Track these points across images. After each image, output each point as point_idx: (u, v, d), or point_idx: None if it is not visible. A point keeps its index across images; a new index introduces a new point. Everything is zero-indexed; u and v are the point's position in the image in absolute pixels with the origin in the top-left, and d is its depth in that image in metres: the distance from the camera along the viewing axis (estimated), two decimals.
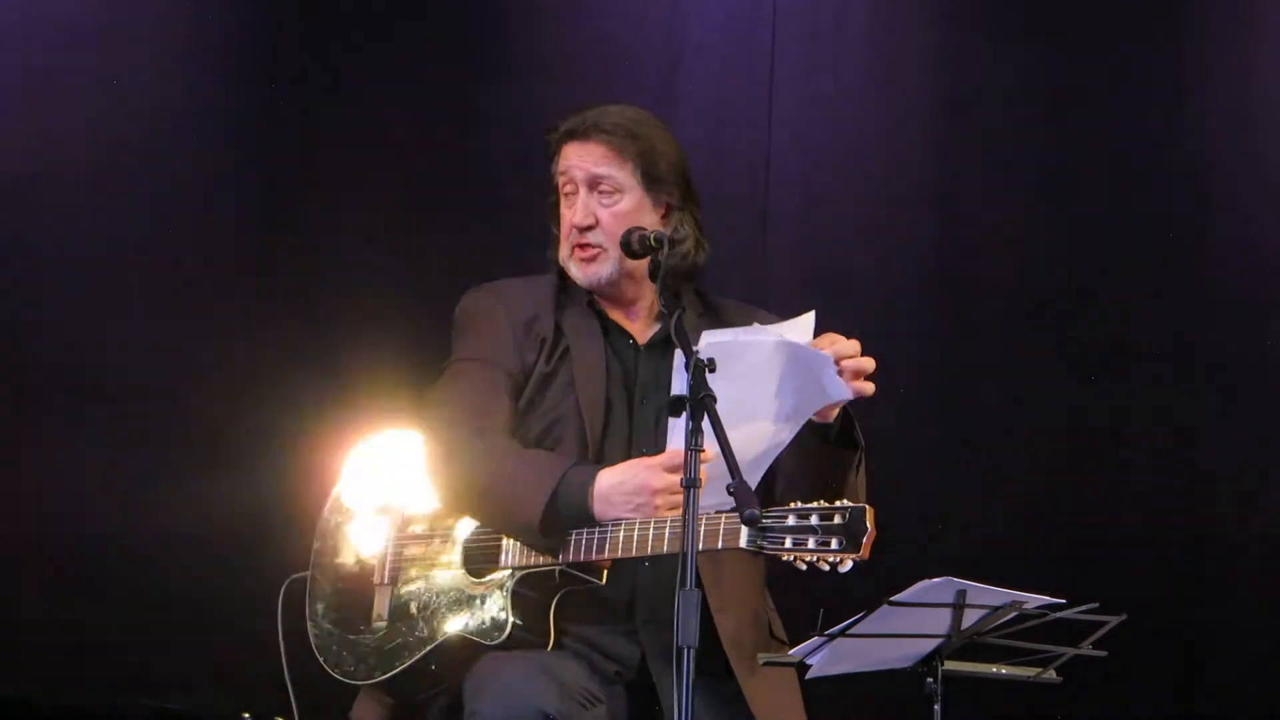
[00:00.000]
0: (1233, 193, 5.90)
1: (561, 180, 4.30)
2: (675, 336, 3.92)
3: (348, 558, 4.34)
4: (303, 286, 5.94)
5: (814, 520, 3.88)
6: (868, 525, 3.86)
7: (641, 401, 4.29)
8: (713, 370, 3.76)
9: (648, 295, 4.35)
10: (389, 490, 4.35)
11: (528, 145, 4.58)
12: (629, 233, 4.22)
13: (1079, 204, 5.95)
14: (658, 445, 4.19)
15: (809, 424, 4.04)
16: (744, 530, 3.90)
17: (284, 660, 4.35)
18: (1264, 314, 5.86)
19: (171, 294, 5.85)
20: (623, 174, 4.27)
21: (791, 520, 3.91)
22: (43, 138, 5.81)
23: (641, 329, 4.36)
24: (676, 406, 3.78)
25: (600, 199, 4.27)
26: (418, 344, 4.56)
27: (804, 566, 3.94)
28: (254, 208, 5.97)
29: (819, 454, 4.09)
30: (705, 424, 3.69)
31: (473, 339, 4.31)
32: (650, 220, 4.28)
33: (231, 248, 5.94)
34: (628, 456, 4.18)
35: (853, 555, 3.86)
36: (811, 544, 3.88)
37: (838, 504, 3.90)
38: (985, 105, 6.01)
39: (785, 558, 3.93)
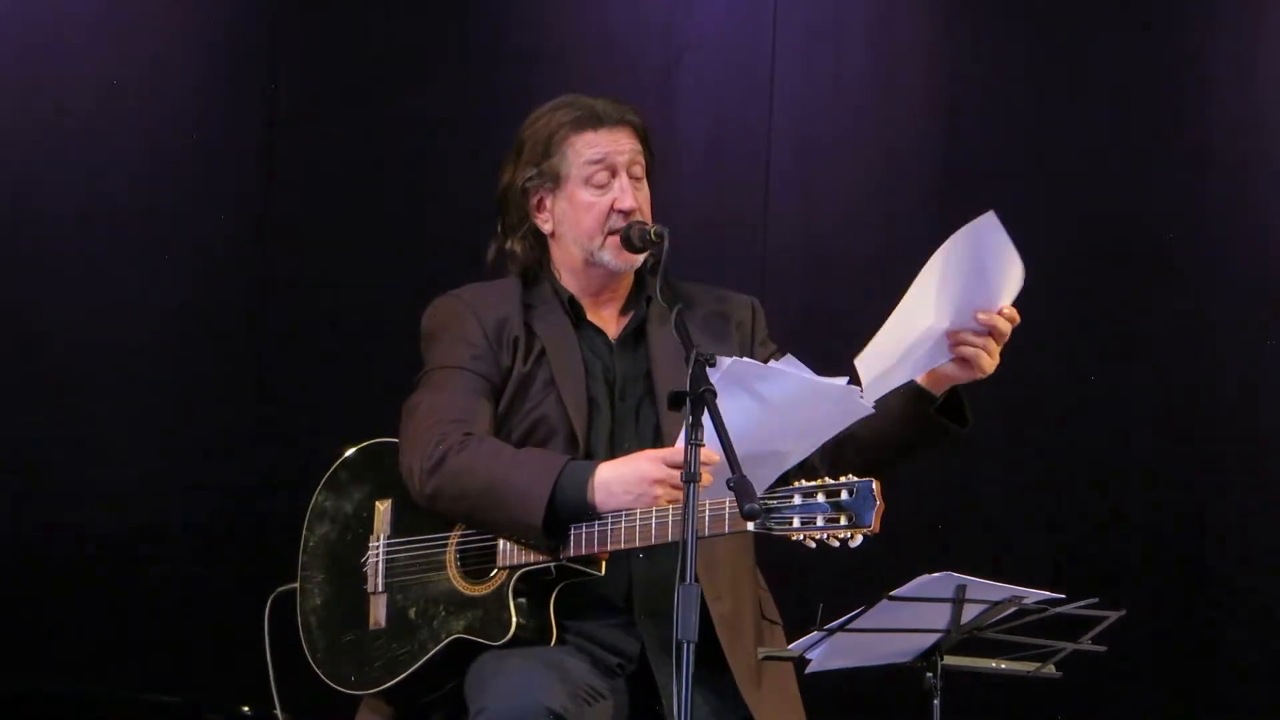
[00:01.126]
0: (1235, 187, 5.90)
1: (592, 168, 4.28)
2: (677, 330, 3.98)
3: (336, 568, 4.32)
4: (293, 289, 5.93)
5: (820, 498, 3.87)
6: (876, 498, 3.85)
7: (621, 397, 4.29)
8: (711, 364, 3.79)
9: (624, 289, 4.37)
10: (373, 499, 4.33)
11: None
12: (629, 227, 4.25)
13: (1078, 197, 5.95)
14: (639, 438, 4.22)
15: (916, 390, 4.08)
16: None
17: (270, 673, 4.34)
18: (1266, 309, 5.86)
19: (164, 291, 5.85)
20: (644, 160, 4.33)
21: (798, 500, 3.88)
22: (39, 132, 5.80)
23: (612, 325, 4.37)
24: (676, 401, 3.80)
25: (634, 185, 4.30)
26: (409, 351, 4.55)
27: (813, 545, 3.92)
28: (250, 205, 5.96)
29: (913, 419, 4.10)
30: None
31: (447, 346, 4.30)
32: None
33: (224, 246, 5.93)
34: (611, 453, 4.19)
35: (863, 530, 3.85)
36: (820, 521, 3.85)
37: (843, 480, 3.88)
38: (985, 98, 6.02)
39: (794, 538, 3.92)
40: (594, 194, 4.28)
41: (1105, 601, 3.91)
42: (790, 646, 4.00)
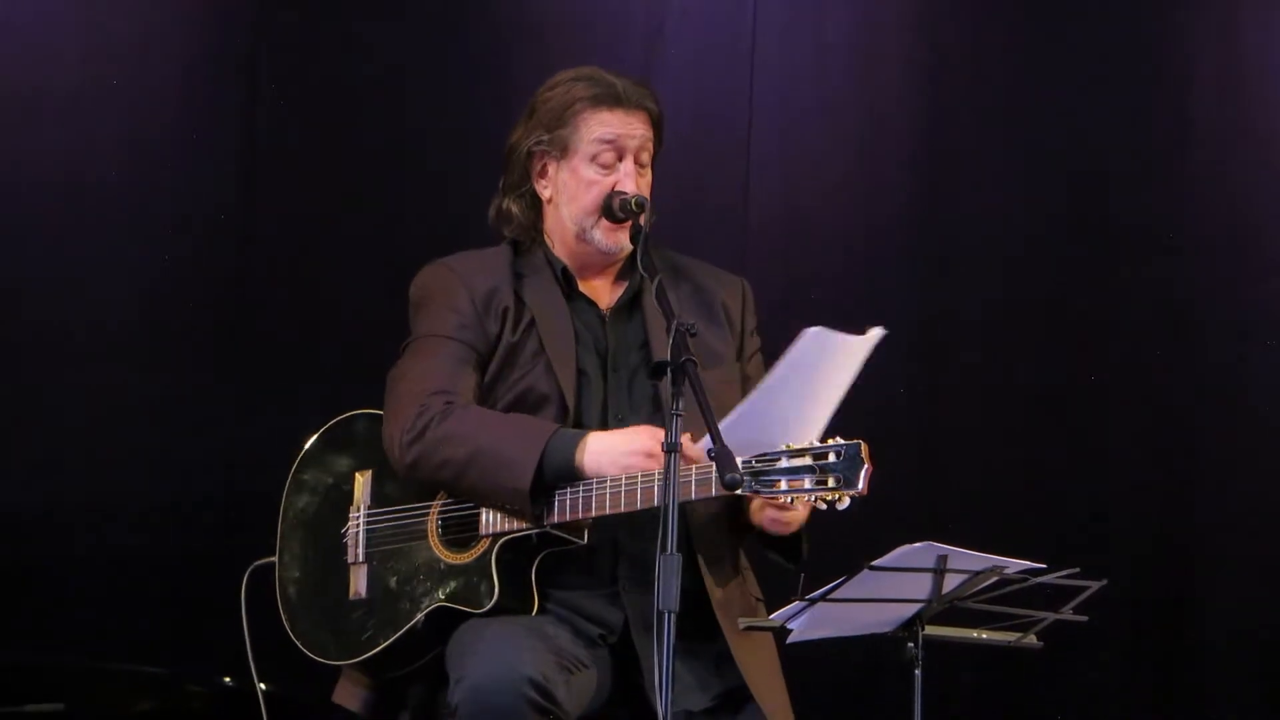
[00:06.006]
0: (1216, 165, 5.90)
1: (602, 147, 4.29)
2: (658, 300, 3.99)
3: (315, 539, 4.34)
4: (273, 267, 5.92)
5: (808, 460, 3.88)
6: (865, 460, 3.85)
7: (614, 368, 4.29)
8: (694, 334, 3.80)
9: (618, 261, 4.37)
10: (353, 470, 4.33)
11: (510, 113, 4.57)
12: (610, 197, 4.25)
13: (1060, 169, 5.95)
14: (634, 409, 4.23)
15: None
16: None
17: (248, 645, 4.33)
18: (1245, 285, 5.87)
19: (146, 267, 5.83)
20: (652, 147, 4.35)
21: (784, 462, 3.89)
22: (19, 113, 5.78)
23: (605, 295, 4.37)
24: (657, 371, 3.81)
25: (639, 170, 4.31)
26: (389, 324, 4.55)
27: (799, 509, 3.93)
28: (231, 181, 5.94)
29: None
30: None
31: (434, 315, 4.31)
32: None
33: (204, 226, 5.91)
34: (604, 423, 4.21)
35: (852, 491, 3.85)
36: (808, 483, 3.87)
37: (831, 442, 3.90)
38: (968, 69, 6.01)
39: (781, 500, 3.92)
40: (598, 172, 4.30)
41: (1087, 572, 3.92)
42: (771, 616, 4.02)
